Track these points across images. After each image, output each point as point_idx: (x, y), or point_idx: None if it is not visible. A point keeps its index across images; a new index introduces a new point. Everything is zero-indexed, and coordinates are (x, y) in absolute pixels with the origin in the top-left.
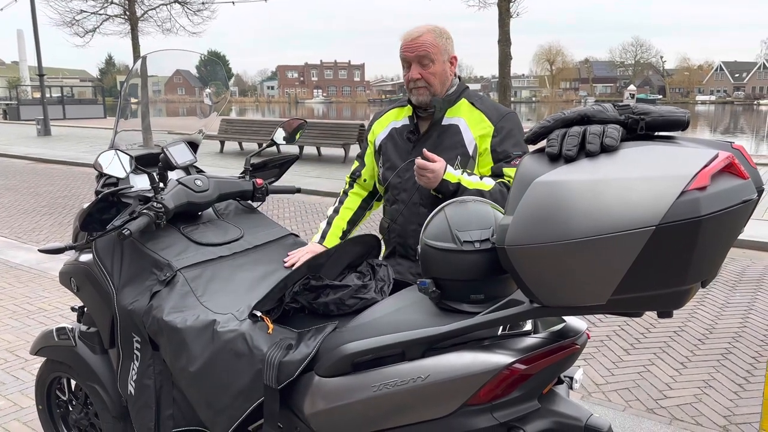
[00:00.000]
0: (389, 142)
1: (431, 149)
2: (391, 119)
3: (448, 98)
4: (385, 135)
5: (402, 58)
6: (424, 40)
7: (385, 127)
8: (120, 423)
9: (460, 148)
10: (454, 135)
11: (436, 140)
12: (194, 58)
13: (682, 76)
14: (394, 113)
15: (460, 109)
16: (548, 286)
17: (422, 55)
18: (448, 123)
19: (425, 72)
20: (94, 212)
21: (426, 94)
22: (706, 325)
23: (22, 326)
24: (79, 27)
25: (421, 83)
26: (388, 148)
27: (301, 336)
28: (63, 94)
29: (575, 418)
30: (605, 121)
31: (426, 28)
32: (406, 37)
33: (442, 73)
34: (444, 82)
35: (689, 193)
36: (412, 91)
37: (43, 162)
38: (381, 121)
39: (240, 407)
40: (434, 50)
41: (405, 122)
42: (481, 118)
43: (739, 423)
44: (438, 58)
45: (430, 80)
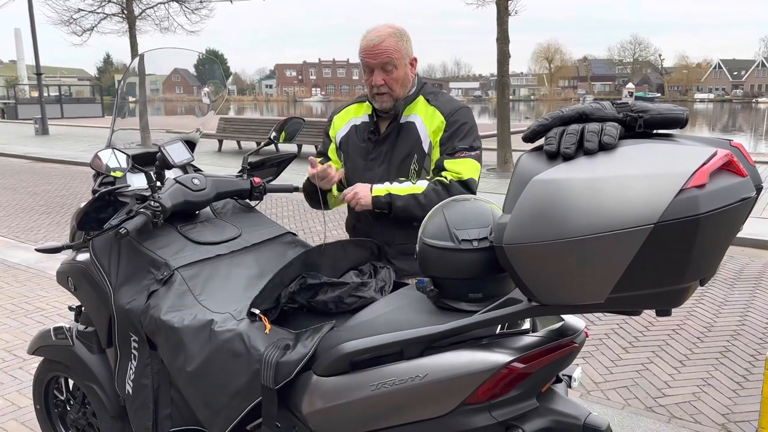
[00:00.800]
0: (349, 140)
1: (390, 149)
2: (351, 115)
3: (408, 99)
4: (346, 132)
5: (364, 64)
6: (387, 46)
7: (345, 122)
8: (118, 422)
9: (417, 147)
10: (411, 133)
11: (395, 140)
12: (192, 56)
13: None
14: (354, 108)
15: (416, 106)
16: (546, 284)
17: (385, 61)
18: (405, 121)
19: (388, 78)
20: (91, 211)
21: (389, 101)
22: (705, 323)
23: (19, 325)
24: (76, 26)
25: (384, 89)
26: (349, 147)
27: (299, 336)
28: (61, 93)
29: (574, 416)
30: (603, 119)
31: (387, 31)
32: (368, 42)
33: (404, 77)
34: (406, 86)
35: (688, 191)
36: (375, 97)
37: (40, 161)
38: (341, 116)
39: (237, 407)
40: (397, 56)
41: (365, 119)
42: (434, 114)
43: (737, 421)
44: (400, 63)
45: (392, 86)
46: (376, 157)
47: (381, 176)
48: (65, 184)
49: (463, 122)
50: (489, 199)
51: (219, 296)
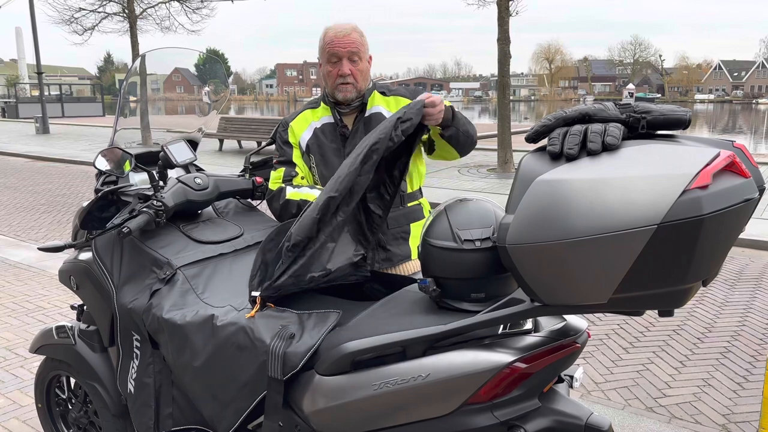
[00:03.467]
0: (316, 142)
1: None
2: (309, 119)
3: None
4: (310, 135)
5: (331, 53)
6: (354, 38)
7: (305, 127)
8: (119, 421)
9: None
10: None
11: (365, 132)
12: (193, 56)
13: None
14: (309, 113)
15: (374, 99)
16: (549, 284)
17: (354, 51)
18: (371, 112)
19: (354, 68)
20: (94, 210)
21: (353, 91)
22: (706, 323)
23: (21, 324)
24: (77, 25)
25: (350, 79)
26: (319, 148)
27: (302, 320)
28: (62, 92)
29: (576, 416)
30: (606, 120)
31: (351, 26)
32: (337, 32)
33: (366, 70)
34: (366, 80)
35: (691, 192)
36: (339, 87)
37: (41, 160)
38: (298, 121)
39: (246, 399)
40: (362, 48)
41: (326, 121)
42: (397, 100)
43: (738, 421)
44: (363, 57)
45: (357, 77)
46: (350, 151)
47: None
48: (66, 183)
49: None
50: (490, 199)
51: (221, 293)
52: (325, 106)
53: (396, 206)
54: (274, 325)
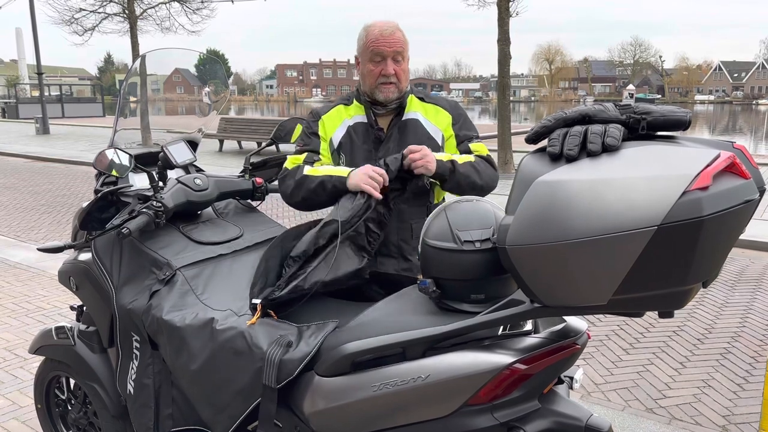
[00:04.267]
0: (348, 142)
1: (396, 146)
2: (343, 116)
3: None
4: (343, 133)
5: (375, 52)
6: (399, 37)
7: (338, 124)
8: (119, 422)
9: (428, 141)
10: (417, 129)
11: (400, 137)
12: (193, 56)
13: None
14: (342, 109)
15: (412, 104)
16: (549, 285)
17: (399, 51)
18: (408, 117)
19: (398, 68)
20: (94, 211)
21: (395, 91)
22: (705, 324)
23: (20, 325)
24: (78, 25)
25: (393, 79)
26: (350, 149)
27: (302, 331)
28: (62, 92)
29: (576, 418)
30: (607, 121)
31: (394, 25)
32: (382, 30)
33: (407, 71)
34: (407, 81)
35: (691, 193)
36: (381, 87)
37: (41, 160)
38: (331, 116)
39: (241, 405)
40: (406, 47)
41: (359, 120)
42: (436, 110)
43: (738, 423)
44: (406, 57)
45: (400, 77)
46: (383, 156)
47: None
48: (66, 184)
49: (464, 114)
50: (490, 200)
51: (221, 295)
52: (358, 105)
53: (421, 217)
54: (272, 333)
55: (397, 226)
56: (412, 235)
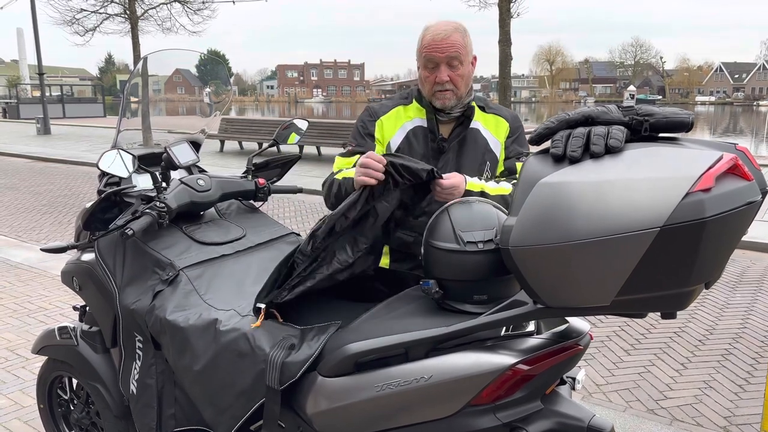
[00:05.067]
0: (407, 147)
1: (455, 156)
2: (402, 119)
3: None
4: (402, 138)
5: (428, 59)
6: (455, 40)
7: (398, 127)
8: (121, 422)
9: (488, 153)
10: (479, 139)
11: (459, 147)
12: (195, 57)
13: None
14: (401, 111)
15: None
16: (552, 286)
17: (453, 56)
18: (471, 127)
19: (454, 74)
20: (97, 211)
21: (453, 98)
22: (707, 325)
23: (22, 325)
24: (79, 26)
25: (449, 86)
26: (409, 154)
27: (304, 334)
28: (63, 92)
29: (578, 418)
30: (609, 123)
31: (453, 26)
32: (435, 35)
33: (468, 75)
34: (468, 85)
35: (694, 194)
36: (437, 94)
37: (42, 161)
38: (390, 118)
39: (243, 407)
40: (463, 51)
41: (418, 123)
42: (497, 121)
43: (739, 424)
44: (465, 60)
45: (457, 83)
46: (443, 166)
47: None
48: (67, 184)
49: (522, 128)
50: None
51: (224, 294)
52: (419, 107)
53: None
54: (275, 335)
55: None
56: None
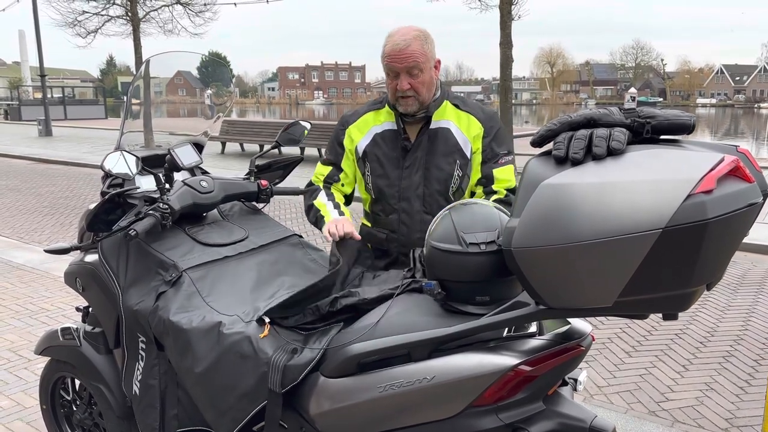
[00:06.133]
0: (375, 150)
1: (425, 155)
2: (370, 124)
3: (435, 103)
4: (369, 141)
5: (389, 68)
6: (413, 50)
7: (365, 132)
8: (124, 423)
9: (458, 152)
10: (449, 138)
11: (428, 145)
12: (196, 59)
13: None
14: (371, 116)
15: (445, 112)
16: (554, 288)
17: (412, 65)
18: (438, 126)
19: (415, 82)
20: (101, 213)
21: (415, 104)
22: (708, 327)
23: (24, 326)
24: (81, 28)
25: (410, 93)
26: (377, 157)
27: (307, 338)
28: (64, 94)
29: (580, 419)
30: (611, 125)
31: (412, 35)
32: (393, 46)
33: (429, 80)
34: (431, 89)
35: (695, 196)
36: (400, 100)
37: (44, 162)
38: (358, 126)
39: (244, 409)
40: (423, 59)
41: (387, 127)
42: (469, 119)
43: (740, 426)
44: (426, 67)
45: (419, 90)
46: (411, 165)
47: (418, 183)
48: (69, 186)
49: (498, 127)
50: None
51: (227, 298)
52: (389, 111)
53: None
54: (278, 339)
55: (420, 237)
56: None
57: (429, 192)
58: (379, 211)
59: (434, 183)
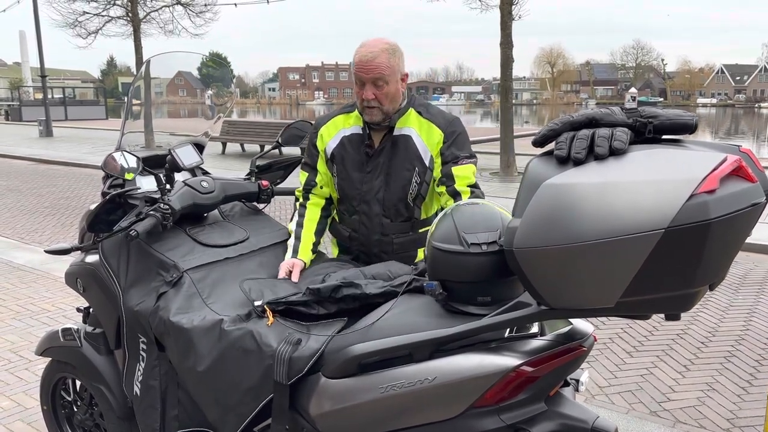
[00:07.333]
0: (341, 152)
1: (387, 161)
2: (339, 126)
3: (399, 113)
4: (336, 143)
5: (356, 77)
6: (380, 63)
7: (334, 134)
8: (125, 424)
9: (417, 160)
10: (409, 146)
11: (390, 152)
12: (197, 59)
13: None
14: (341, 119)
15: (408, 119)
16: (556, 288)
17: (377, 77)
18: (400, 134)
19: (379, 93)
20: (101, 213)
21: (378, 114)
22: (709, 327)
23: (25, 327)
24: (81, 28)
25: (375, 103)
26: (342, 159)
27: (310, 329)
28: (65, 95)
29: (582, 420)
30: (613, 125)
31: (380, 47)
32: (361, 57)
33: (394, 92)
34: (395, 101)
35: (698, 196)
36: (365, 110)
37: (45, 163)
38: (328, 127)
39: (250, 404)
40: (388, 72)
41: (355, 131)
42: (430, 127)
43: (742, 426)
44: (391, 79)
45: (382, 101)
46: (372, 170)
47: (378, 188)
48: (69, 186)
49: (459, 132)
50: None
51: (226, 300)
52: (358, 115)
53: (406, 232)
54: (281, 331)
55: (379, 239)
56: (392, 249)
57: (388, 197)
58: (343, 210)
59: (393, 188)
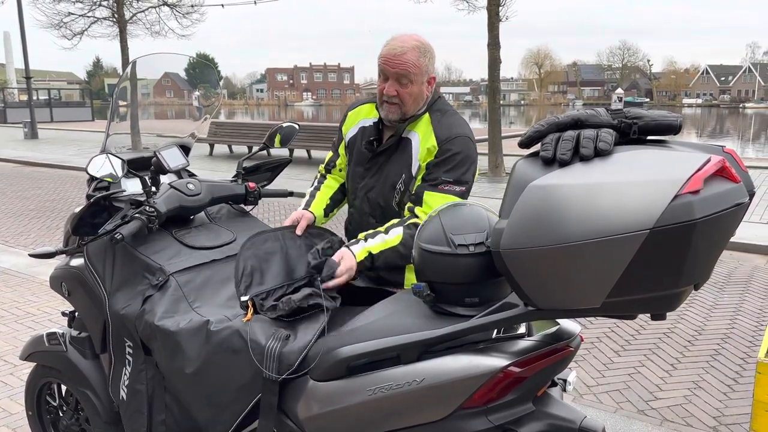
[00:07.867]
0: (355, 142)
1: (385, 162)
2: (362, 115)
3: (414, 117)
4: (355, 132)
5: (381, 70)
6: (407, 59)
7: (356, 122)
8: (111, 428)
9: (407, 168)
10: (407, 152)
11: (391, 155)
12: (184, 61)
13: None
14: (367, 108)
15: (419, 123)
16: (543, 289)
17: (402, 73)
18: (405, 136)
19: (402, 90)
20: (86, 216)
21: (397, 113)
22: (696, 326)
23: (10, 331)
24: (67, 29)
25: (395, 100)
26: (354, 150)
27: (295, 324)
28: (50, 96)
29: (569, 420)
30: (598, 126)
31: (411, 44)
32: (390, 49)
33: (418, 94)
34: (417, 103)
35: (682, 196)
36: (383, 104)
37: (30, 165)
38: (356, 113)
39: (242, 402)
40: (415, 71)
41: (371, 124)
42: (430, 135)
43: (728, 423)
44: (417, 79)
45: (404, 99)
46: (371, 167)
47: (371, 187)
48: (55, 188)
49: (455, 152)
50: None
51: (213, 303)
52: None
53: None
54: (268, 328)
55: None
56: None
57: (376, 196)
58: (348, 200)
59: (383, 189)
